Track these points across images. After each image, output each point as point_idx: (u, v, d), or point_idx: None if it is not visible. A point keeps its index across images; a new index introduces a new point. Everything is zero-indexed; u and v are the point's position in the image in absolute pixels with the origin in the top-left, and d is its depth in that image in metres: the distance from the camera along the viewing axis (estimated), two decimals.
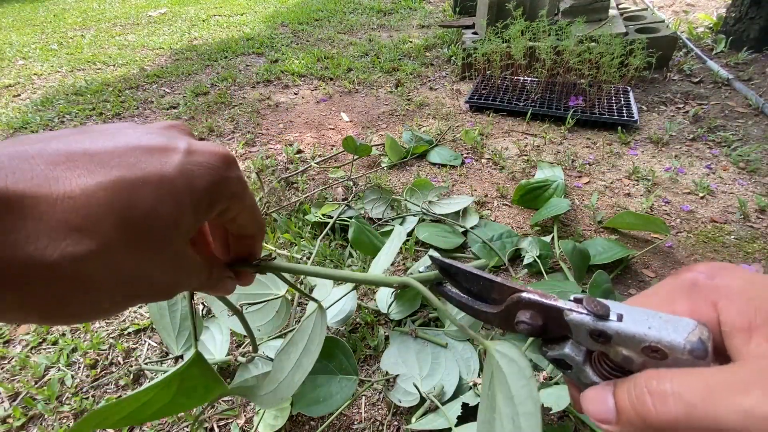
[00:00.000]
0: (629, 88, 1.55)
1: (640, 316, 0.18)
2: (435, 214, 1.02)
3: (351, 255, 0.95)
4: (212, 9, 3.43)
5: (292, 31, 2.67)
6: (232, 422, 0.67)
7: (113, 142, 0.18)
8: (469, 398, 0.61)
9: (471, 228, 0.99)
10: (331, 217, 1.02)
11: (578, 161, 1.27)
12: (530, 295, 0.21)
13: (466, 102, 1.60)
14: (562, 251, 0.90)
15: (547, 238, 0.95)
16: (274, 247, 0.98)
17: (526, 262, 0.89)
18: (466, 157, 1.31)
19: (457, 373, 0.66)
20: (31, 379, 0.75)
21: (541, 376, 0.63)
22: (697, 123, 1.43)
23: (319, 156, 1.35)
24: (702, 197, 1.10)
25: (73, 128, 0.19)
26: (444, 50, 2.15)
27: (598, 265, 0.86)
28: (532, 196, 1.08)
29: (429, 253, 0.26)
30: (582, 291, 0.73)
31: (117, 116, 1.72)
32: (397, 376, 0.67)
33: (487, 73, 1.72)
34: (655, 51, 1.52)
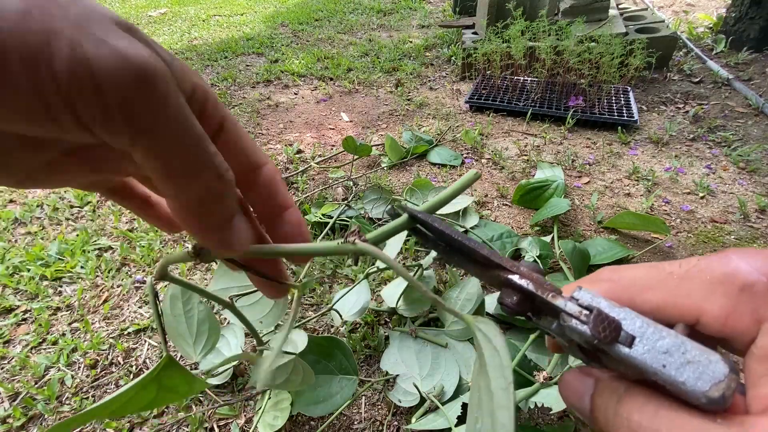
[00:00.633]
0: (629, 88, 1.55)
1: (657, 344, 0.15)
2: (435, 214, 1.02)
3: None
4: (212, 9, 3.43)
5: (292, 31, 2.67)
6: (232, 422, 0.67)
7: None
8: (468, 398, 0.61)
9: (471, 228, 0.99)
10: (331, 217, 1.02)
11: (578, 161, 1.27)
12: (522, 281, 0.17)
13: (466, 102, 1.60)
14: (562, 251, 0.90)
15: (547, 238, 0.95)
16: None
17: (526, 261, 0.89)
18: (466, 157, 1.31)
19: (457, 373, 0.66)
20: (31, 379, 0.75)
21: (541, 376, 0.63)
22: (697, 123, 1.43)
23: (319, 156, 1.35)
24: (702, 197, 1.10)
25: None
26: (444, 50, 2.16)
27: (598, 265, 0.86)
28: (532, 196, 1.08)
29: (399, 204, 0.23)
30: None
31: None
32: (397, 376, 0.67)
33: (487, 73, 1.72)
34: (655, 51, 1.52)
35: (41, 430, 0.67)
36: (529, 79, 1.67)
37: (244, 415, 0.68)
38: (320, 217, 1.04)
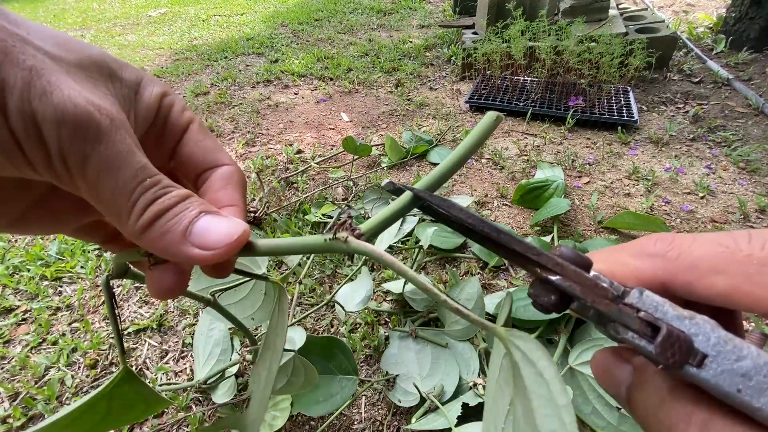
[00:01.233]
0: (629, 88, 1.55)
1: (735, 365, 0.12)
2: None
3: (351, 254, 0.95)
4: (212, 9, 3.43)
5: (292, 31, 2.67)
6: None
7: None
8: (469, 398, 0.61)
9: None
10: (331, 217, 1.02)
11: (578, 161, 1.27)
12: (565, 284, 0.15)
13: (466, 102, 1.60)
14: None
15: (547, 238, 0.95)
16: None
17: None
18: None
19: (457, 373, 0.66)
20: (31, 379, 0.75)
21: None
22: (697, 123, 1.43)
23: (319, 156, 1.35)
24: (702, 197, 1.10)
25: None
26: (444, 50, 2.16)
27: None
28: (532, 196, 1.08)
29: (388, 181, 0.18)
30: None
31: None
32: (397, 376, 0.67)
33: (487, 73, 1.72)
34: (655, 51, 1.52)
35: None
36: (529, 79, 1.67)
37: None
38: (320, 217, 1.04)
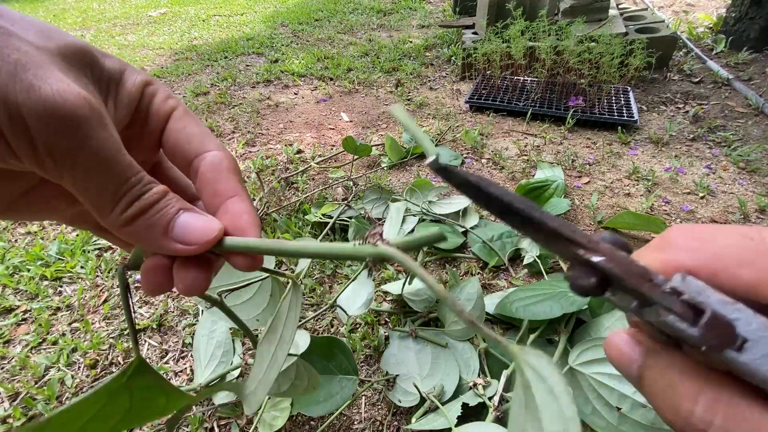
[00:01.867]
0: (629, 88, 1.55)
1: None
2: (435, 214, 1.02)
3: None
4: (212, 9, 3.43)
5: (292, 31, 2.67)
6: (232, 422, 0.67)
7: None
8: (469, 398, 0.61)
9: (471, 228, 0.99)
10: (331, 217, 1.02)
11: (578, 161, 1.27)
12: (608, 264, 0.14)
13: (466, 102, 1.60)
14: None
15: None
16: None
17: (526, 261, 0.89)
18: (466, 157, 1.31)
19: (457, 373, 0.66)
20: (31, 379, 0.75)
21: None
22: (697, 123, 1.43)
23: (319, 156, 1.35)
24: (702, 197, 1.10)
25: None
26: (444, 50, 2.16)
27: None
28: (532, 196, 1.08)
29: (437, 154, 0.16)
30: None
31: None
32: (397, 376, 0.67)
33: (487, 73, 1.72)
34: (655, 51, 1.52)
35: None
36: (529, 79, 1.67)
37: (245, 416, 0.68)
38: (320, 217, 1.04)
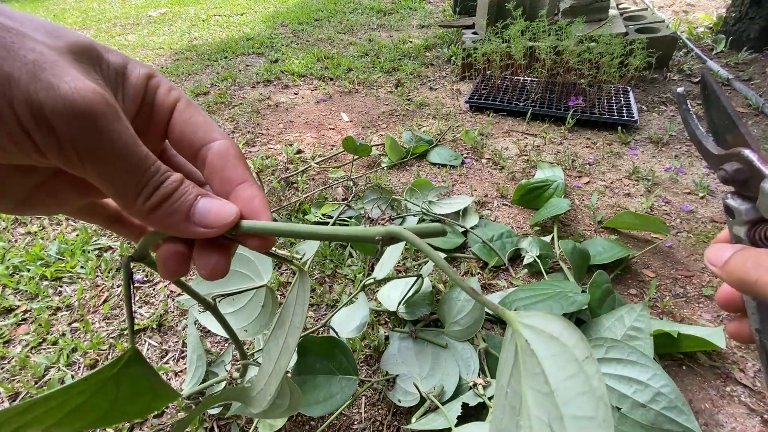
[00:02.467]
0: (629, 88, 1.55)
1: None
2: (435, 214, 1.02)
3: (351, 255, 0.95)
4: (212, 9, 3.43)
5: (292, 31, 2.67)
6: (232, 422, 0.67)
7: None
8: (469, 398, 0.61)
9: (471, 228, 0.99)
10: (331, 217, 1.02)
11: (578, 161, 1.27)
12: (750, 154, 0.22)
13: (466, 102, 1.60)
14: (562, 251, 0.90)
15: (547, 238, 0.95)
16: (275, 248, 0.98)
17: (526, 262, 0.89)
18: (466, 157, 1.31)
19: (457, 373, 0.66)
20: (31, 379, 0.74)
21: None
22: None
23: (319, 156, 1.35)
24: (702, 197, 1.10)
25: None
26: (444, 50, 2.15)
27: (598, 265, 0.86)
28: (532, 196, 1.08)
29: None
30: (582, 290, 0.73)
31: None
32: (397, 376, 0.67)
33: (487, 73, 1.72)
34: (655, 51, 1.52)
35: None
36: (529, 79, 1.67)
37: (245, 416, 0.68)
38: (320, 217, 1.04)
